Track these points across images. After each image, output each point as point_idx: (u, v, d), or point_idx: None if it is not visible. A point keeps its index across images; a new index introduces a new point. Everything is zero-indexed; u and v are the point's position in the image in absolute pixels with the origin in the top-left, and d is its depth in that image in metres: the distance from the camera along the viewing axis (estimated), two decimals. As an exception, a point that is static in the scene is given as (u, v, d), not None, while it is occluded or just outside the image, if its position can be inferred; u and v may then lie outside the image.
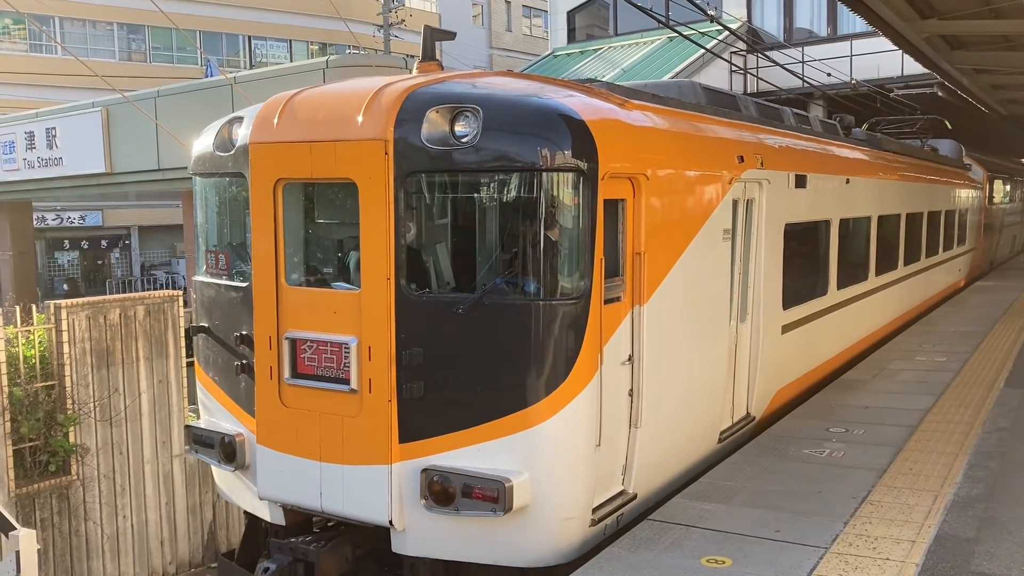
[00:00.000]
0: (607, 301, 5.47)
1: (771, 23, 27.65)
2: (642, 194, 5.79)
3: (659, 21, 14.36)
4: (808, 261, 9.14)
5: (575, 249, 5.31)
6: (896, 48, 16.17)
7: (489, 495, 5.07)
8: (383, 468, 5.35)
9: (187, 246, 18.99)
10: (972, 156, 20.59)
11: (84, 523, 8.65)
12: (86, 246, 37.82)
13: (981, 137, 27.57)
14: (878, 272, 11.57)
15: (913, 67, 20.15)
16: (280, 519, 5.98)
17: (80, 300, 8.79)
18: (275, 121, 5.72)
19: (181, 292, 9.75)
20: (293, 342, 5.66)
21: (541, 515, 5.22)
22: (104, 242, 38.30)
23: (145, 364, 9.00)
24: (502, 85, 5.86)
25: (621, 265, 5.68)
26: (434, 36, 6.38)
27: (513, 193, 5.35)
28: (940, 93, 22.52)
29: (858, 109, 23.05)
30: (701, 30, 17.28)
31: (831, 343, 9.95)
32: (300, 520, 5.99)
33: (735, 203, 7.17)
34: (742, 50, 25.75)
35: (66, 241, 37.37)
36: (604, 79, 26.15)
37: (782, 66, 19.03)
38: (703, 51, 22.40)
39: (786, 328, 8.34)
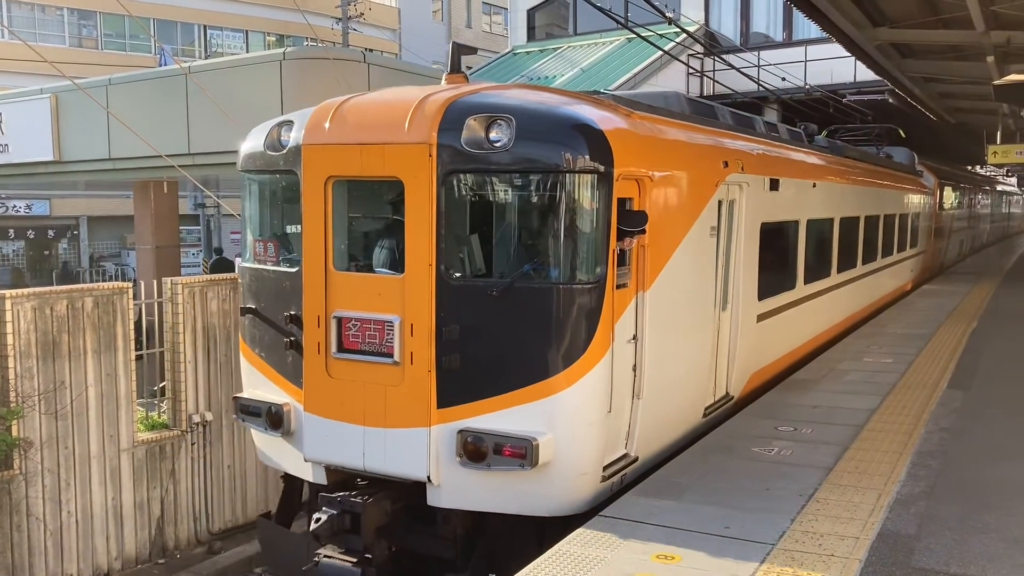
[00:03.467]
0: (617, 287, 6.21)
1: (728, 27, 27.97)
2: (646, 193, 6.54)
3: (618, 22, 14.49)
4: (780, 257, 9.93)
5: (593, 241, 6.09)
6: (849, 55, 16.49)
7: (518, 452, 5.84)
8: (423, 431, 6.11)
9: (137, 237, 18.67)
10: (924, 164, 21.49)
11: (26, 519, 8.46)
12: (32, 236, 36.96)
13: (931, 144, 28.22)
14: (839, 270, 12.40)
15: (865, 74, 20.55)
16: (322, 479, 6.68)
17: (25, 291, 8.59)
18: (326, 125, 6.44)
19: (131, 284, 9.59)
20: (340, 320, 6.39)
21: (560, 471, 5.96)
22: (51, 232, 37.46)
23: (93, 357, 8.82)
24: (528, 97, 6.63)
25: (628, 255, 6.38)
26: (459, 51, 7.51)
27: (540, 191, 6.16)
28: (891, 100, 22.97)
29: (812, 114, 23.44)
30: (659, 32, 17.42)
31: (798, 333, 10.74)
32: (339, 480, 6.67)
33: (720, 203, 7.92)
34: (699, 53, 26.00)
35: (11, 230, 36.47)
36: (563, 78, 26.26)
37: (738, 70, 19.28)
38: (661, 53, 22.60)
39: (761, 317, 9.11)
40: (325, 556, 6.47)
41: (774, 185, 9.25)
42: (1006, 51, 12.91)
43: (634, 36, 20.88)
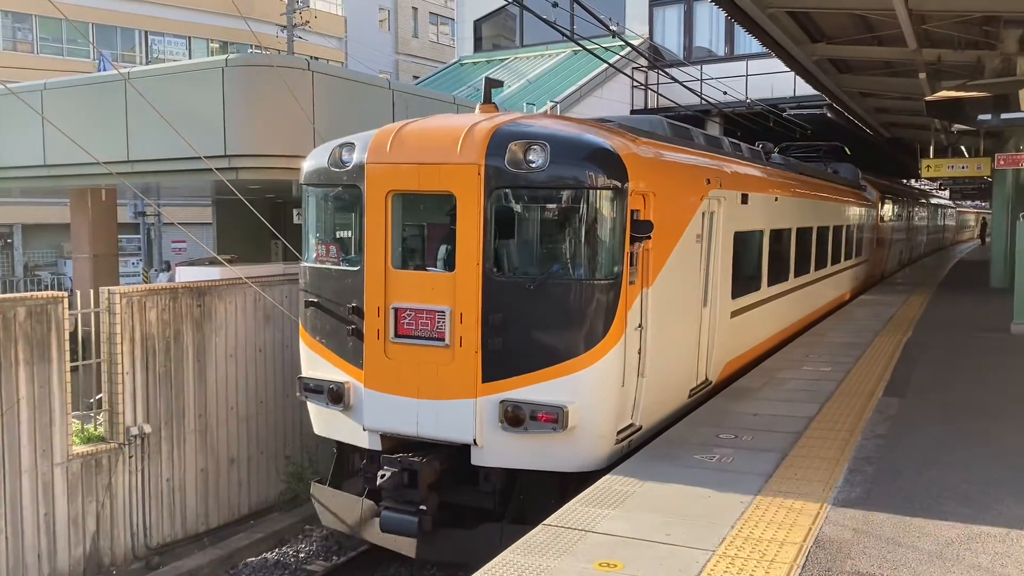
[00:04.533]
0: (629, 283, 7.49)
1: (671, 41, 28.40)
2: (650, 206, 7.79)
3: (564, 34, 14.61)
4: (748, 262, 11.18)
5: (612, 245, 7.40)
6: (789, 70, 16.89)
7: (551, 417, 7.09)
8: (470, 401, 7.34)
9: (74, 246, 18.20)
10: (866, 178, 22.64)
11: (-46, 536, 8.19)
12: (-37, 244, 35.83)
13: (868, 158, 29.00)
14: (796, 274, 13.76)
15: (805, 88, 21.05)
16: (377, 445, 7.84)
17: (-46, 300, 8.32)
18: (388, 147, 7.69)
19: (66, 293, 9.34)
20: (396, 311, 7.62)
21: (584, 433, 7.25)
22: (-17, 240, 36.34)
23: (25, 368, 8.57)
24: (557, 126, 8.01)
25: (636, 257, 7.63)
26: (489, 84, 8.82)
27: (569, 204, 7.43)
28: (829, 114, 23.56)
29: (753, 127, 23.91)
30: (604, 45, 17.60)
31: (763, 329, 12.08)
32: (391, 446, 7.79)
33: (703, 214, 9.17)
34: (643, 66, 26.32)
35: (-60, 239, 35.31)
36: (509, 89, 26.34)
37: (682, 83, 19.57)
38: (606, 65, 22.84)
39: (733, 314, 10.43)
40: (385, 509, 7.67)
41: (744, 199, 10.55)
42: (937, 68, 13.37)
43: (580, 49, 21.09)
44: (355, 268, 7.89)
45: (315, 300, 8.18)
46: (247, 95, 11.81)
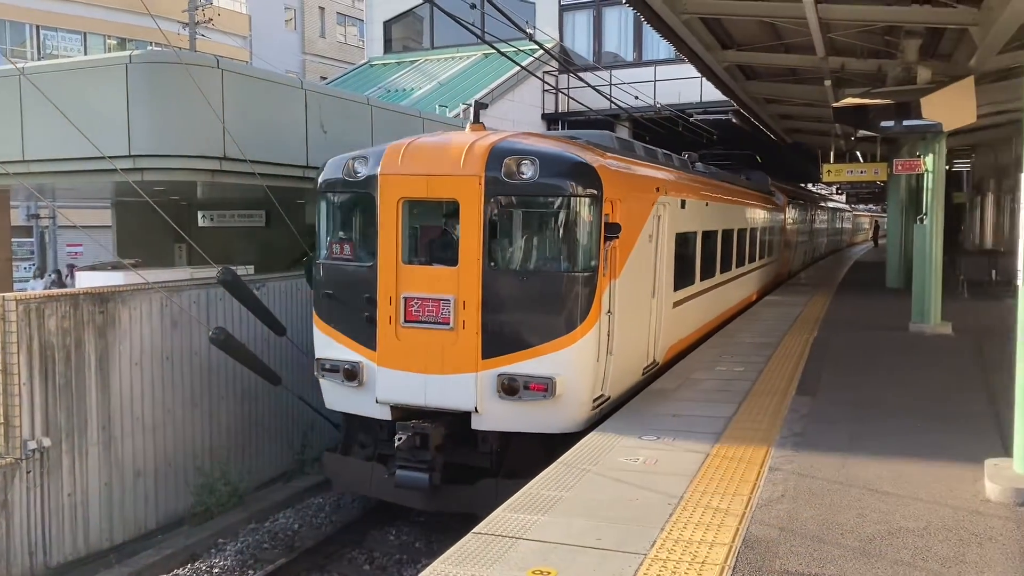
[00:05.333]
0: (602, 276, 8.82)
1: (581, 45, 28.68)
2: (618, 211, 9.11)
3: (476, 35, 14.54)
4: (686, 259, 12.52)
5: (590, 243, 8.78)
6: (697, 75, 17.22)
7: (542, 387, 8.46)
8: (472, 375, 8.65)
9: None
10: (775, 184, 24.07)
11: None
12: None
13: (771, 163, 29.96)
14: (721, 271, 15.29)
15: (711, 94, 21.51)
16: (387, 415, 9.07)
17: None
18: (399, 160, 8.96)
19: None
20: (406, 299, 8.86)
21: (568, 401, 8.61)
22: None
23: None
24: (544, 144, 9.27)
25: (607, 253, 8.91)
26: (478, 106, 10.38)
27: (555, 209, 8.88)
28: (735, 120, 24.14)
29: (661, 132, 24.33)
30: (519, 48, 17.60)
31: (697, 318, 13.56)
32: (400, 416, 8.98)
33: (653, 218, 10.52)
34: (555, 70, 26.48)
35: None
36: (420, 91, 26.39)
37: (593, 87, 19.74)
38: (518, 68, 22.89)
39: (675, 304, 11.84)
40: (399, 468, 8.83)
41: (683, 205, 12.04)
42: (840, 76, 13.81)
43: (491, 51, 21.05)
44: (368, 264, 9.12)
45: (330, 292, 9.40)
46: (153, 93, 11.33)
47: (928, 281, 14.07)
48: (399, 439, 8.66)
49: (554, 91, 26.82)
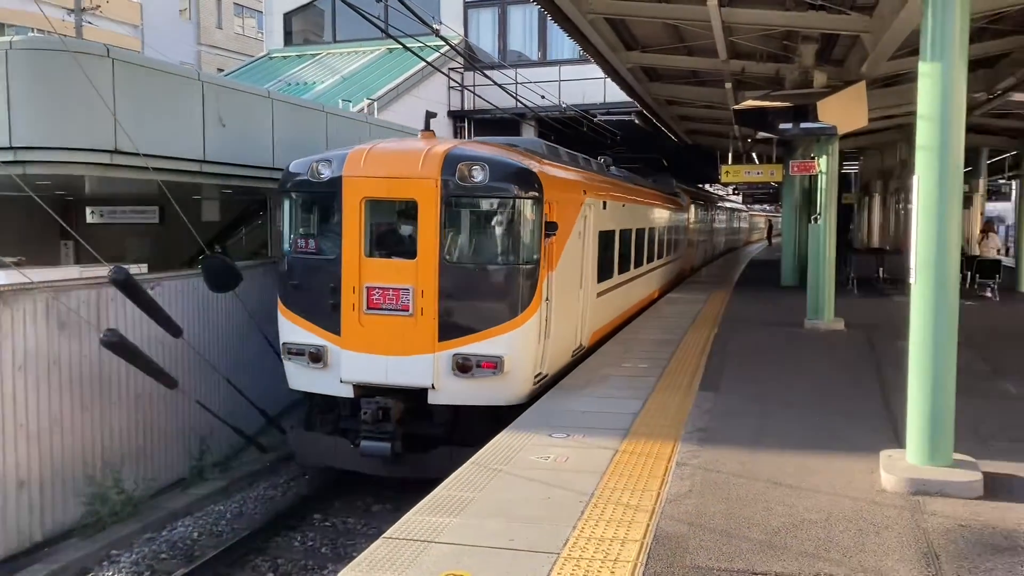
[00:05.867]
0: (543, 267, 9.99)
1: (487, 43, 28.64)
2: (554, 211, 10.28)
3: (381, 29, 14.33)
4: (607, 254, 13.79)
5: (533, 238, 9.96)
6: (601, 76, 17.40)
7: (492, 365, 9.57)
8: (429, 356, 9.66)
9: None
10: (679, 186, 25.39)
11: None
12: None
13: (672, 164, 30.57)
14: (635, 265, 16.70)
15: (614, 95, 21.82)
16: (350, 393, 10.01)
17: None
18: (361, 163, 9.91)
19: None
20: (368, 289, 9.81)
21: (513, 377, 9.78)
22: None
23: None
24: (494, 152, 10.27)
25: (545, 248, 10.06)
26: (428, 116, 11.57)
27: (503, 209, 9.96)
28: (637, 121, 24.53)
29: (567, 131, 24.51)
30: (427, 44, 17.42)
31: (616, 307, 14.94)
32: (361, 394, 9.91)
33: (581, 217, 11.65)
34: (460, 67, 26.37)
35: None
36: (322, 85, 26.02)
37: (500, 85, 19.73)
38: (423, 64, 22.67)
39: (599, 294, 13.15)
40: (364, 438, 9.76)
41: (604, 205, 13.29)
42: (741, 79, 14.16)
43: (396, 46, 20.78)
44: (332, 257, 9.96)
45: (297, 283, 10.26)
46: (36, 82, 10.70)
47: (822, 279, 14.57)
48: (364, 413, 9.67)
49: (460, 88, 26.71)
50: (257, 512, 10.90)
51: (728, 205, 47.44)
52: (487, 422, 9.41)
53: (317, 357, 10.00)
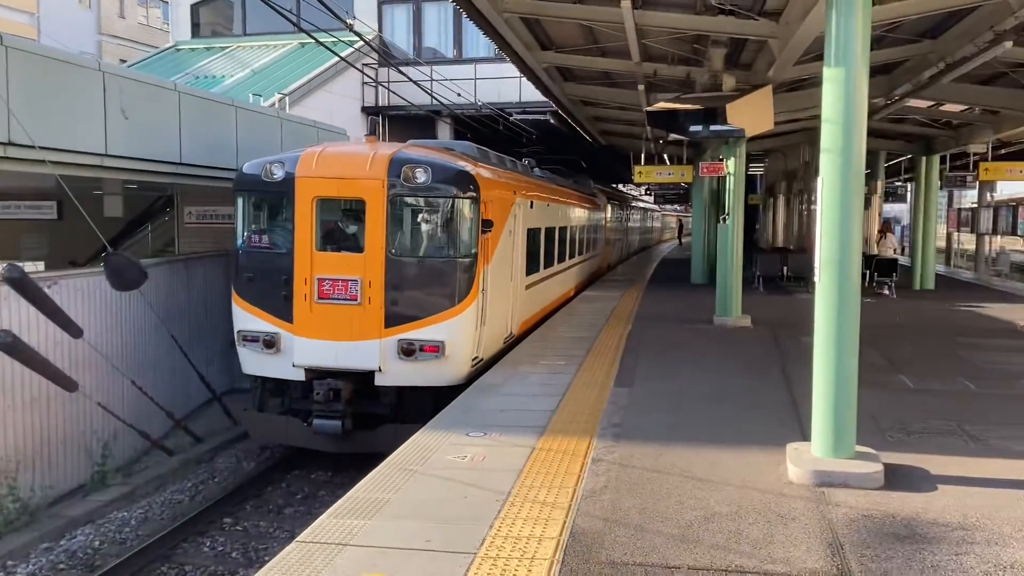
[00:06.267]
0: (480, 261, 11.01)
1: (401, 39, 28.39)
2: (490, 210, 11.29)
3: (292, 23, 14.07)
4: (534, 250, 14.88)
5: (471, 235, 10.95)
6: (516, 75, 17.45)
7: (435, 349, 10.49)
8: (376, 341, 10.55)
9: None
10: (597, 187, 26.76)
11: None
12: None
13: (587, 164, 30.96)
14: (559, 261, 17.91)
15: (530, 95, 21.91)
16: (301, 376, 10.79)
17: None
18: (313, 165, 10.74)
19: None
20: (319, 280, 10.59)
21: (453, 360, 10.70)
22: None
23: None
24: (436, 155, 11.32)
25: (482, 244, 11.05)
26: (373, 123, 13.86)
27: (444, 208, 10.93)
28: (552, 121, 24.69)
29: (483, 130, 24.52)
30: (337, 37, 17.17)
31: (542, 299, 16.03)
32: (311, 377, 10.73)
33: (511, 216, 12.69)
34: (375, 63, 26.10)
35: None
36: (232, 79, 25.58)
37: (415, 82, 19.59)
38: (336, 59, 22.36)
39: (527, 287, 14.29)
40: (316, 417, 10.60)
41: (532, 205, 14.46)
42: (653, 81, 14.40)
43: (308, 40, 20.43)
44: (285, 251, 10.79)
45: (251, 276, 11.01)
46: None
47: (730, 277, 14.93)
48: (317, 394, 10.52)
49: (374, 84, 26.43)
50: (164, 518, 10.56)
51: (641, 205, 48.47)
52: (428, 401, 10.55)
53: (271, 343, 10.77)
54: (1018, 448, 7.47)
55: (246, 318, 10.98)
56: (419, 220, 11.08)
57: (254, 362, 11.06)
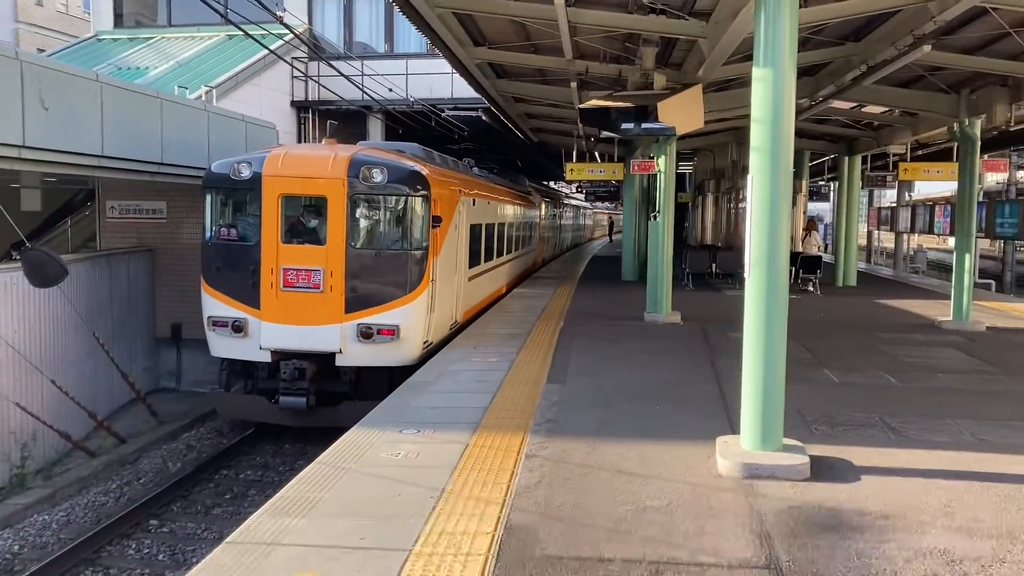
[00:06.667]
0: (430, 253, 12.16)
1: (332, 33, 28.05)
2: (438, 207, 12.47)
3: (219, 14, 13.80)
4: (476, 245, 16.16)
5: (422, 229, 12.13)
6: (448, 71, 17.40)
7: (391, 332, 11.62)
8: (337, 325, 11.64)
9: None
10: (532, 185, 28.31)
11: None
12: None
13: (521, 160, 31.08)
14: (499, 255, 19.31)
15: (462, 91, 21.85)
16: (267, 358, 11.84)
17: None
18: (279, 165, 11.78)
19: None
20: (284, 270, 11.62)
21: (407, 342, 11.85)
22: None
23: None
24: (392, 157, 12.50)
25: (432, 237, 12.25)
26: (331, 128, 14.64)
27: (398, 205, 12.18)
28: (485, 117, 24.68)
29: (415, 126, 24.37)
30: (267, 29, 16.87)
31: (483, 290, 17.31)
32: (277, 359, 11.80)
33: (457, 212, 13.99)
34: (305, 56, 25.74)
35: None
36: (156, 70, 25.28)
37: (346, 76, 19.37)
38: (265, 52, 21.99)
39: (470, 278, 15.58)
40: (282, 394, 11.70)
41: (475, 203, 15.79)
42: (585, 79, 14.49)
43: (236, 33, 20.01)
44: (252, 243, 11.82)
45: (219, 266, 11.97)
46: None
47: (660, 274, 15.14)
48: (284, 373, 11.63)
49: (304, 78, 26.04)
50: (87, 520, 10.26)
51: (574, 203, 48.92)
52: (384, 380, 11.58)
53: (239, 328, 11.74)
54: (935, 439, 7.75)
55: (215, 305, 11.89)
56: (376, 216, 12.18)
57: (223, 345, 11.99)
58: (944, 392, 9.81)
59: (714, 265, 23.80)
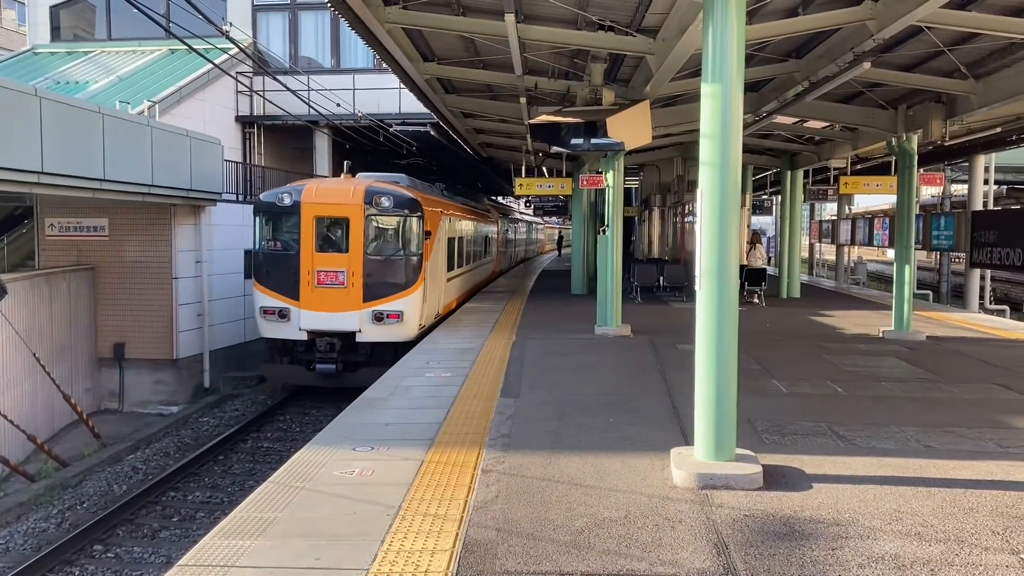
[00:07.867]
0: (424, 259, 16.45)
1: (277, 47, 27.79)
2: (428, 224, 16.70)
3: (162, 27, 13.60)
4: (451, 254, 20.09)
5: (418, 241, 16.46)
6: (396, 86, 17.36)
7: (396, 316, 16.06)
8: (357, 312, 15.98)
9: None
10: (489, 202, 33.79)
11: None
12: None
13: (470, 176, 31.11)
14: (466, 263, 23.29)
15: (410, 105, 21.83)
16: (304, 336, 16.07)
17: None
18: (313, 194, 16.15)
19: None
20: (318, 272, 15.87)
21: (408, 324, 16.20)
22: None
23: None
24: (393, 188, 16.76)
25: (424, 247, 16.29)
26: (348, 167, 18.40)
27: (401, 224, 16.44)
28: (433, 132, 24.66)
29: (363, 141, 24.25)
30: (212, 44, 16.67)
31: (456, 290, 21.15)
32: (311, 337, 16.12)
33: (440, 228, 18.08)
34: (250, 71, 25.45)
35: None
36: (96, 84, 25.04)
37: (292, 91, 19.20)
38: (209, 67, 21.71)
39: (448, 280, 19.56)
40: (318, 363, 16.04)
41: (451, 221, 19.72)
42: (534, 94, 14.58)
43: (179, 47, 19.73)
44: (293, 252, 15.98)
45: (268, 269, 16.10)
46: None
47: (610, 288, 15.25)
48: (319, 347, 15.97)
49: (249, 93, 25.75)
50: (27, 548, 9.93)
51: (526, 218, 49.61)
52: (391, 352, 15.52)
53: (283, 315, 15.98)
54: (882, 446, 7.91)
55: (264, 298, 16.18)
56: (385, 231, 16.35)
57: (271, 328, 16.19)
58: (889, 400, 10.03)
59: (661, 278, 24.05)
